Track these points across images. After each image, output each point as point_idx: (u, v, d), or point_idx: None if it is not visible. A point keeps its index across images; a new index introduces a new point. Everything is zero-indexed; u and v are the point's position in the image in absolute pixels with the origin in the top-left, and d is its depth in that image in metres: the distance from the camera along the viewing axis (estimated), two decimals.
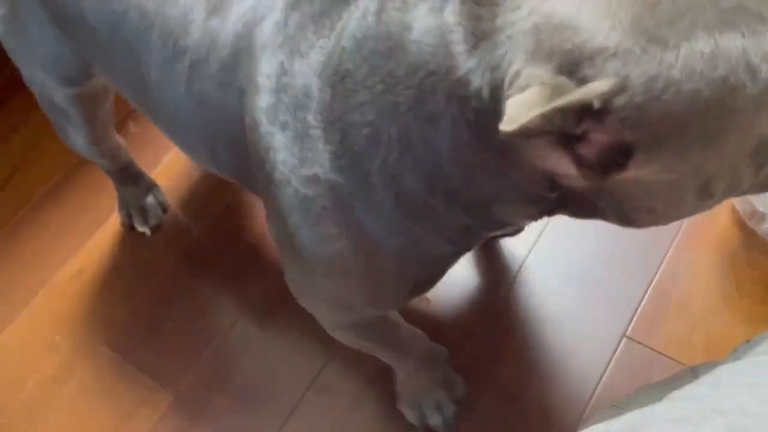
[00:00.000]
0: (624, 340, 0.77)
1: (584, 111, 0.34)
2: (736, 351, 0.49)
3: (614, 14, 0.35)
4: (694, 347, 0.76)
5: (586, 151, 0.36)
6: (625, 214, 0.43)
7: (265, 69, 0.49)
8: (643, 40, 0.34)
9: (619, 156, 0.36)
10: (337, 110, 0.45)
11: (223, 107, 0.54)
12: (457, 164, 0.42)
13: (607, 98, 0.34)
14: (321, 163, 0.47)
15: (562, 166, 0.38)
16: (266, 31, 0.50)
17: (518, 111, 0.34)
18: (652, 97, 0.34)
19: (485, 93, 0.38)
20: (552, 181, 0.41)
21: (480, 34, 0.38)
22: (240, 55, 0.51)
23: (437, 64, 0.40)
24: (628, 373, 0.75)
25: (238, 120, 0.53)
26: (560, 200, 0.43)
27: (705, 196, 0.41)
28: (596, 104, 0.34)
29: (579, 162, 0.37)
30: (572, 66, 0.35)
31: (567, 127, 0.35)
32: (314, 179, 0.48)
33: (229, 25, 0.52)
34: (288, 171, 0.49)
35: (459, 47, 0.39)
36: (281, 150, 0.49)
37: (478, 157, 0.41)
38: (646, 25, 0.34)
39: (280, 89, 0.49)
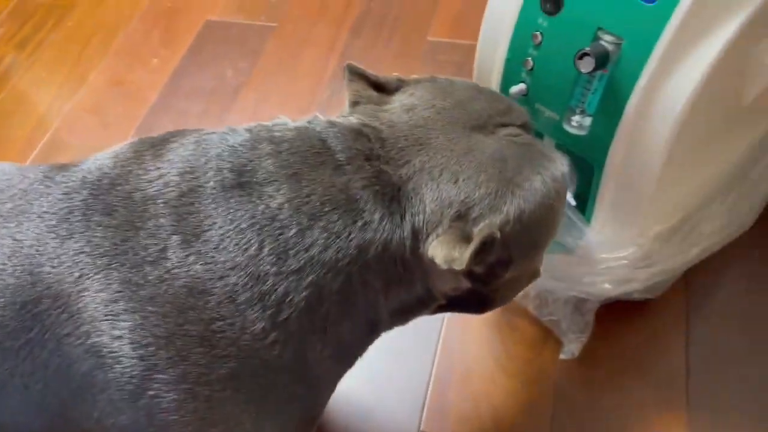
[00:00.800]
0: None
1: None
2: None
3: (485, 169, 0.49)
4: (483, 423, 0.78)
5: (478, 269, 0.48)
6: (488, 304, 0.57)
7: (103, 296, 0.44)
8: (510, 186, 0.48)
9: (500, 268, 0.50)
10: (262, 286, 0.45)
11: (30, 360, 0.45)
12: (391, 297, 0.50)
13: (501, 229, 0.47)
14: (239, 350, 0.45)
15: (462, 283, 0.51)
16: (67, 262, 0.45)
17: (446, 251, 0.46)
18: (522, 222, 0.48)
19: (408, 234, 0.48)
20: (447, 291, 0.52)
21: (393, 187, 0.48)
22: (39, 304, 0.44)
23: (367, 221, 0.47)
24: None
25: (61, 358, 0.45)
26: (447, 302, 0.54)
27: (535, 276, 0.60)
28: (498, 235, 0.46)
29: (472, 278, 0.50)
30: (467, 210, 0.47)
31: (485, 256, 0.47)
32: (231, 377, 0.45)
33: None
34: (191, 385, 0.44)
35: (384, 198, 0.47)
36: (168, 368, 0.44)
37: (404, 286, 0.50)
38: (507, 176, 0.49)
39: (143, 302, 0.44)
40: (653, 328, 0.83)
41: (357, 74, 0.55)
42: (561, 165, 0.53)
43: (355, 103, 0.54)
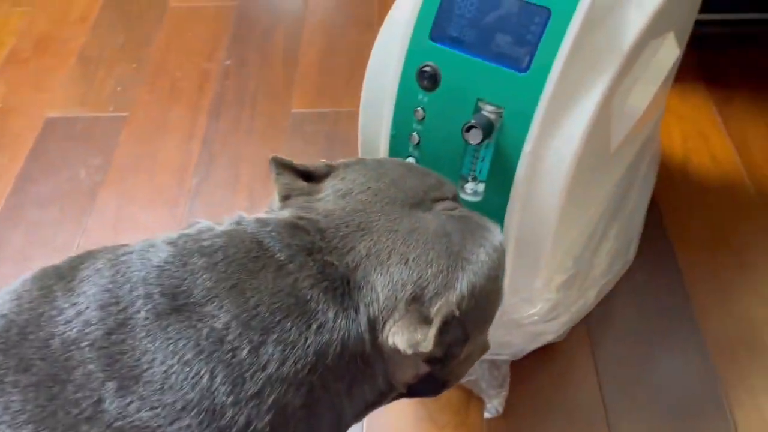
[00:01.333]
0: None
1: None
2: None
3: (433, 246, 0.48)
4: None
5: (438, 351, 0.45)
6: (444, 385, 0.54)
7: None
8: (459, 260, 0.48)
9: (456, 347, 0.47)
10: (220, 422, 0.41)
11: None
12: (355, 397, 0.47)
13: (458, 305, 0.46)
14: None
15: (422, 368, 0.49)
16: None
17: (408, 335, 0.44)
18: (474, 296, 0.48)
19: (365, 327, 0.45)
20: (408, 380, 0.50)
21: (342, 279, 0.46)
22: None
23: (322, 322, 0.44)
24: None
25: None
26: (407, 390, 0.52)
27: (485, 350, 0.58)
28: (457, 312, 0.45)
29: (432, 361, 0.47)
30: (421, 291, 0.46)
31: (446, 336, 0.45)
32: None
33: None
34: None
35: (335, 293, 0.45)
36: None
37: (367, 383, 0.47)
38: (454, 250, 0.49)
39: None
40: (563, 365, 0.85)
41: (283, 166, 0.53)
42: (498, 234, 0.53)
43: (286, 197, 0.52)
